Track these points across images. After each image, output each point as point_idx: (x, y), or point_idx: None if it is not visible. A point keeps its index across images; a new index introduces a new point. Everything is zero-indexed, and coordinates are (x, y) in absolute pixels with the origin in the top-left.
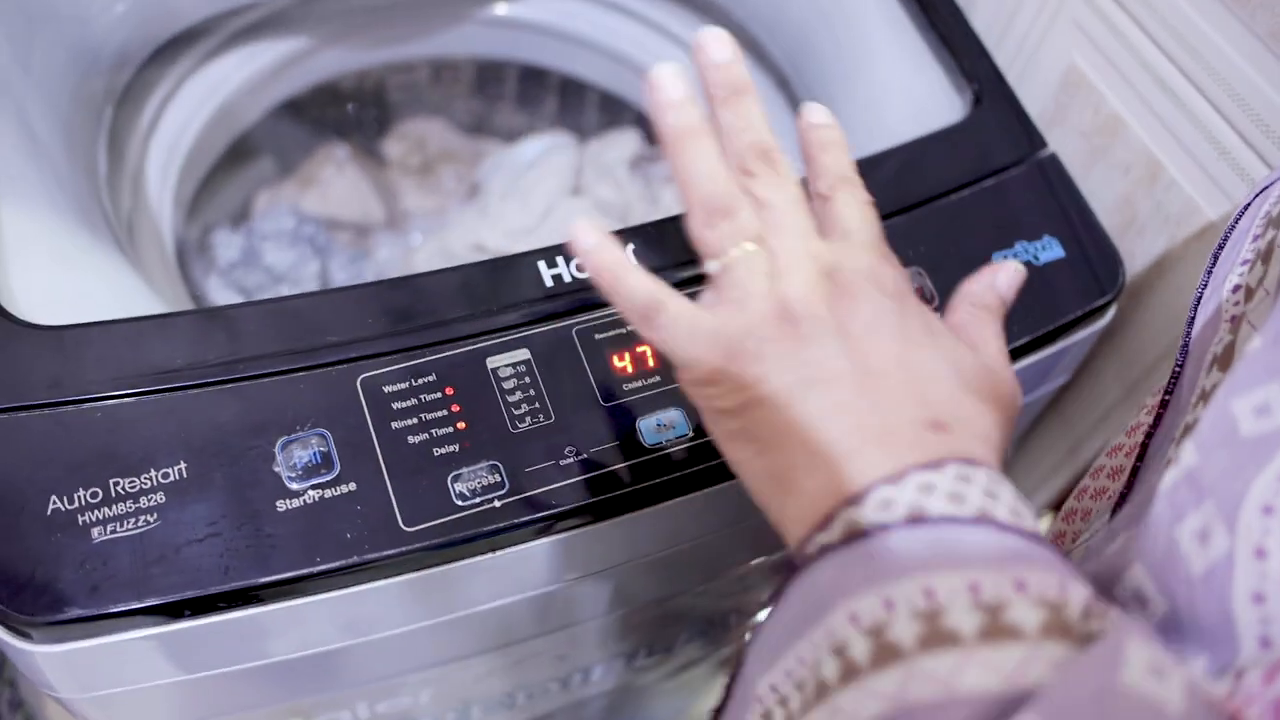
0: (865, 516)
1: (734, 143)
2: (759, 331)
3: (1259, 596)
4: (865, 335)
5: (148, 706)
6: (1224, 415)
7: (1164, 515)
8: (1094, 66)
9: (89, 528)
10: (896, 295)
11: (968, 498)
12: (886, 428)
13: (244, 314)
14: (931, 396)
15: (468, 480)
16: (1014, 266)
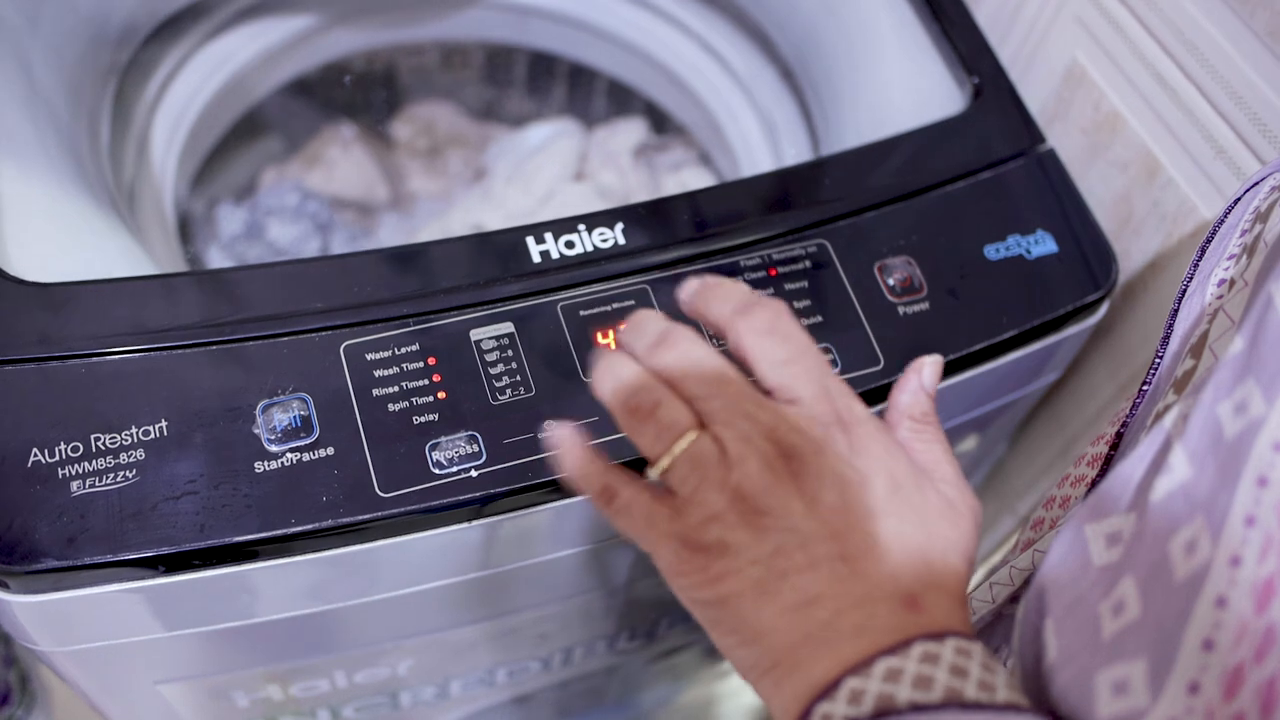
0: (837, 711)
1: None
2: (721, 521)
3: (1222, 600)
4: (833, 516)
5: (123, 664)
6: (1210, 420)
7: (1160, 527)
8: (1095, 63)
9: (68, 481)
10: (858, 451)
11: (935, 680)
12: (860, 619)
13: (231, 278)
14: (903, 570)
15: (446, 449)
16: (931, 360)
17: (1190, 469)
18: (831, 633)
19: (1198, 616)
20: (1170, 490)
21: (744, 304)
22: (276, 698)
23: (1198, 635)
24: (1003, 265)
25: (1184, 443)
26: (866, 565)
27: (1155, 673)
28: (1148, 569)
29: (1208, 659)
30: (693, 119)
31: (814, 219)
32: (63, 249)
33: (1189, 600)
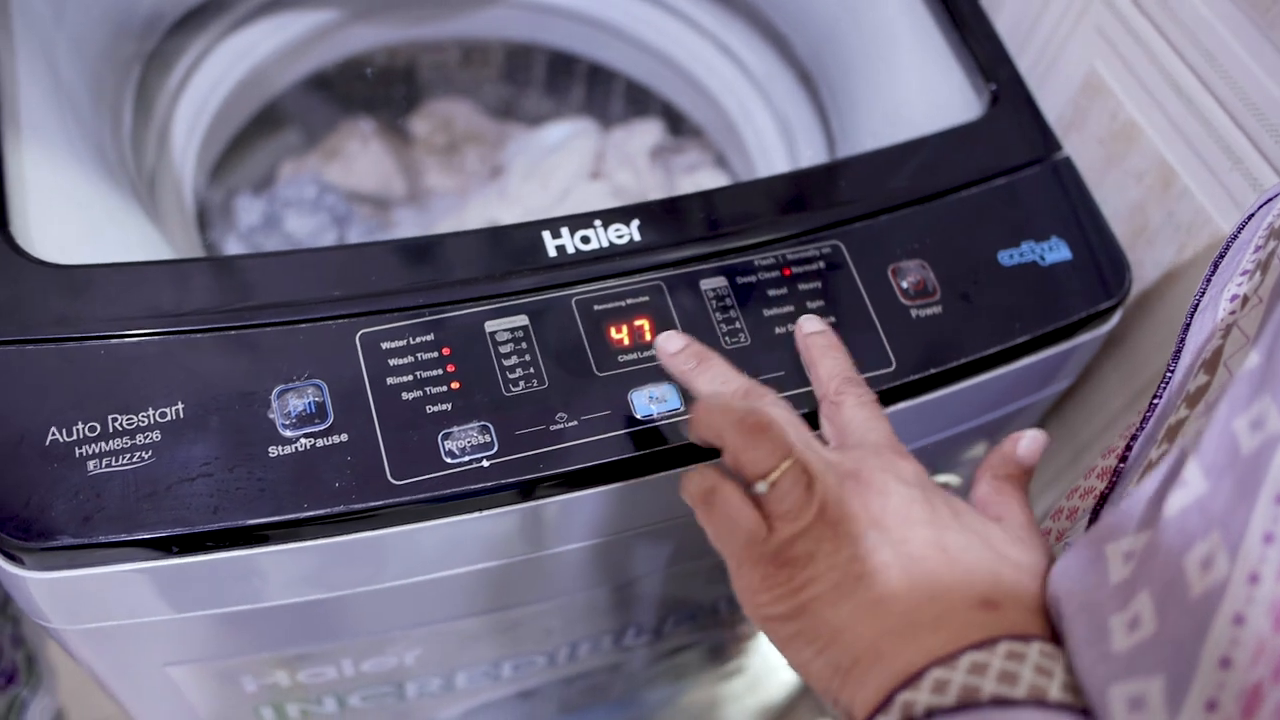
0: (921, 699)
1: (725, 387)
2: (809, 535)
3: (1239, 618)
4: (899, 525)
5: (133, 644)
6: (1226, 435)
7: (1174, 543)
8: (1113, 73)
9: (85, 460)
10: (918, 484)
11: (1020, 677)
12: (938, 612)
13: (250, 265)
14: (975, 576)
15: (458, 439)
16: (1033, 435)
17: (1206, 484)
18: (910, 625)
19: (1215, 634)
20: (1185, 505)
21: (855, 375)
22: (284, 684)
23: (1215, 653)
24: (1016, 271)
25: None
26: (935, 565)
27: (1172, 690)
28: (1163, 585)
29: (1225, 677)
30: (709, 121)
31: (829, 220)
32: (84, 232)
33: (1206, 617)
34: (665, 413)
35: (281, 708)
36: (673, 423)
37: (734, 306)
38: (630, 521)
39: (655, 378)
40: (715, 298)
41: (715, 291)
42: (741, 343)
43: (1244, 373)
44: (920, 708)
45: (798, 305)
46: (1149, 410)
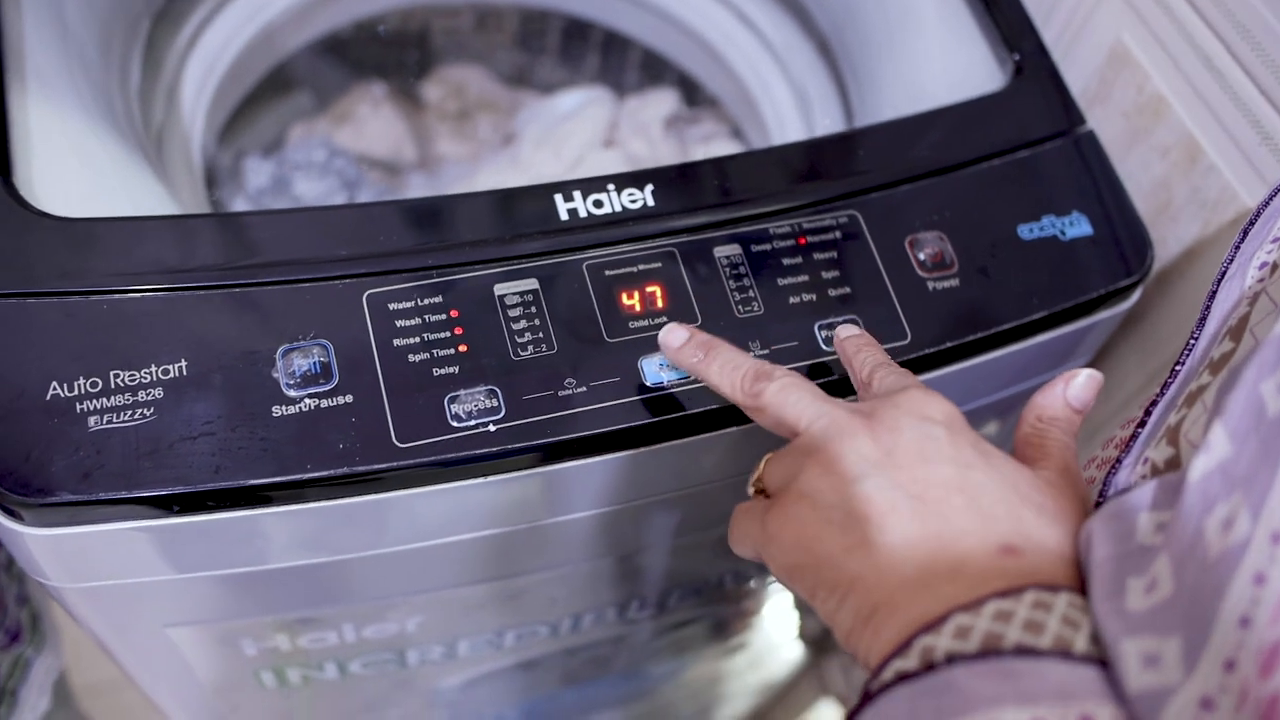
0: (941, 644)
1: (736, 373)
2: (802, 476)
3: (1260, 577)
4: (912, 463)
5: (133, 604)
6: (1253, 399)
7: (1195, 506)
8: (1141, 44)
9: (86, 416)
10: (944, 421)
11: (1046, 626)
12: (954, 559)
13: (257, 222)
14: (996, 519)
15: (465, 402)
16: (1086, 374)
17: (1230, 446)
18: (926, 574)
19: (1234, 593)
20: (1208, 469)
21: (888, 360)
22: (284, 648)
23: (1234, 612)
24: (1036, 245)
25: (1224, 421)
26: (952, 507)
27: (1189, 648)
28: (1182, 547)
29: (1244, 636)
30: (725, 91)
31: (846, 190)
32: (89, 186)
33: (1225, 576)
34: (675, 380)
35: (282, 672)
36: (683, 391)
37: (748, 275)
38: (638, 491)
39: None
40: (729, 265)
41: (729, 259)
42: (755, 311)
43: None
44: (940, 652)
45: (813, 275)
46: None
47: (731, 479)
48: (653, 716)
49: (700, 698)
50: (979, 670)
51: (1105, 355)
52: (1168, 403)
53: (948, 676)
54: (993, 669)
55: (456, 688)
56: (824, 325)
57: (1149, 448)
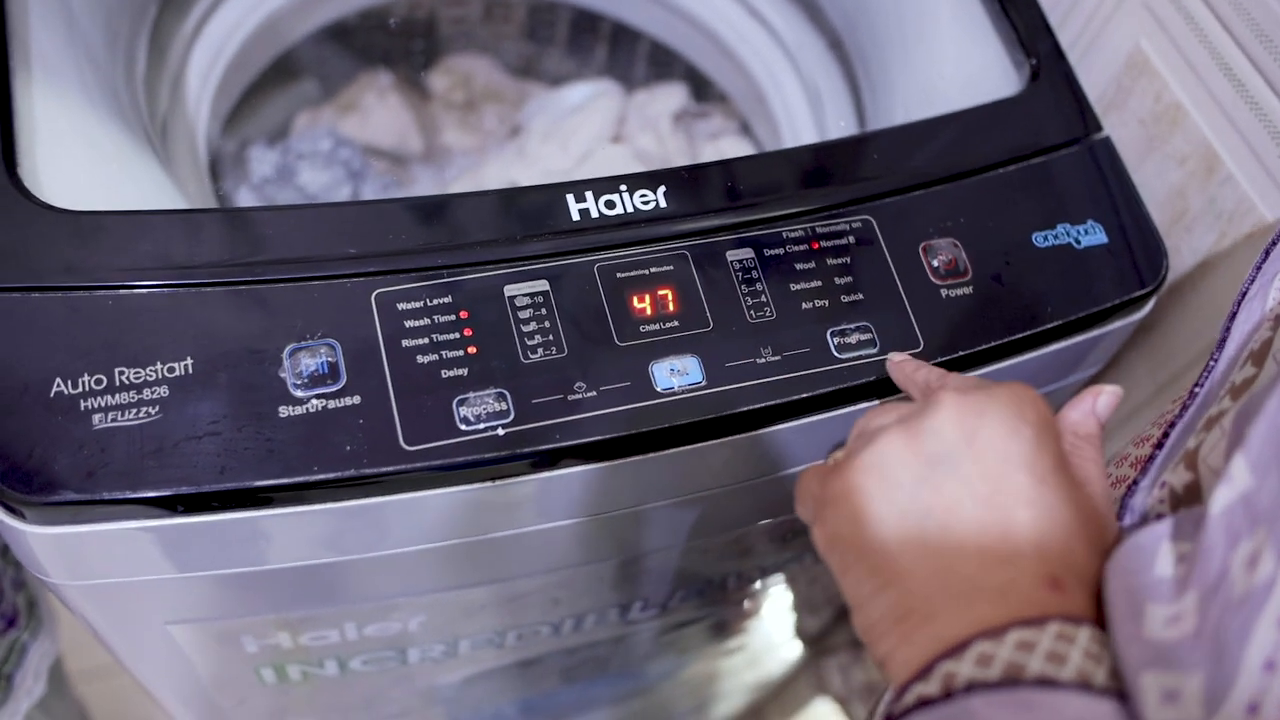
0: (963, 671)
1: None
2: (881, 438)
3: None
4: (990, 458)
5: (134, 602)
6: (1274, 429)
7: (1218, 541)
8: (1160, 51)
9: (90, 414)
10: (1036, 424)
11: (1069, 658)
12: (1004, 582)
13: (265, 218)
14: (1053, 546)
15: (473, 405)
16: (1110, 390)
17: (1252, 479)
18: (973, 589)
19: (1259, 636)
20: (1230, 501)
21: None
22: (285, 645)
23: (1259, 655)
24: (1050, 253)
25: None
26: (1015, 523)
27: (1212, 689)
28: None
29: (1269, 680)
30: (735, 86)
31: (860, 194)
32: (95, 178)
33: (1250, 619)
34: (686, 386)
35: (282, 669)
36: (693, 396)
37: (760, 279)
38: (646, 496)
39: (677, 349)
40: (741, 269)
41: (741, 263)
42: (767, 316)
43: None
44: (961, 680)
45: (825, 280)
46: (1189, 398)
47: (740, 484)
48: (650, 714)
49: (697, 695)
50: (998, 700)
51: (1115, 364)
52: (1186, 425)
53: (966, 705)
54: (1011, 699)
55: (456, 684)
56: (836, 331)
57: (1166, 471)
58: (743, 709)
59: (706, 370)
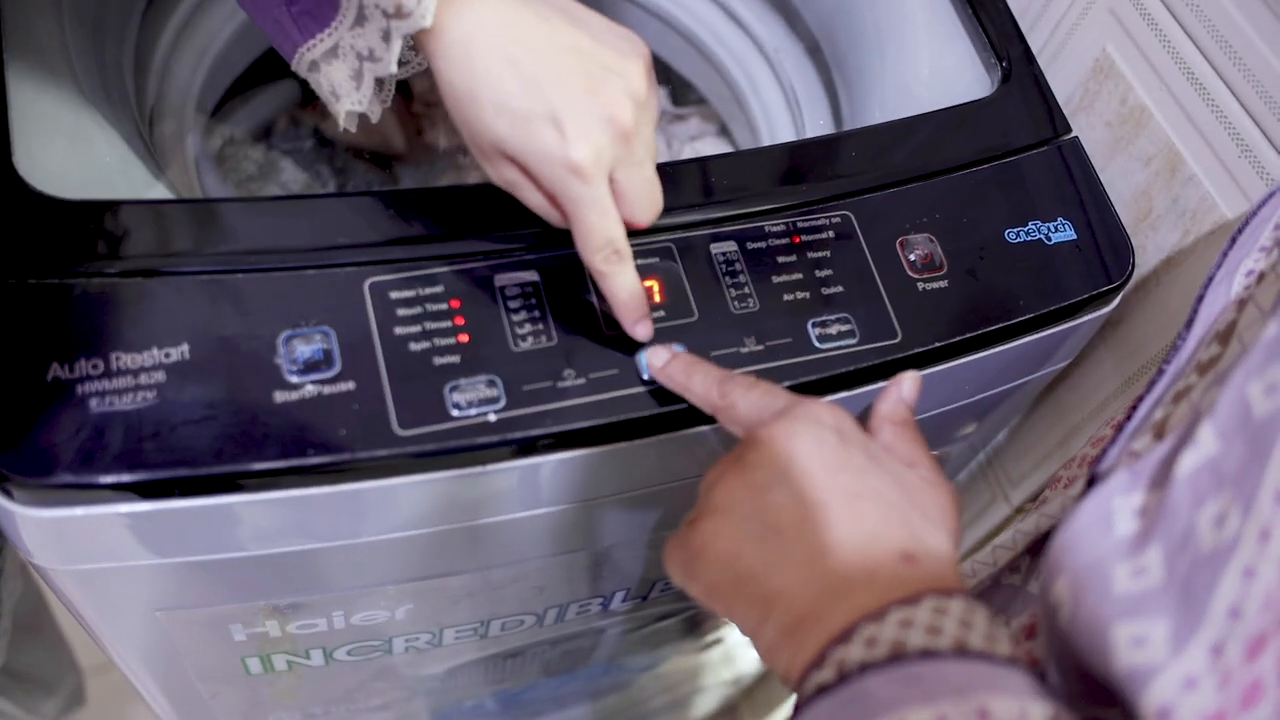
0: (853, 654)
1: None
2: (720, 486)
3: (1249, 571)
4: (816, 470)
5: (124, 587)
6: (1240, 399)
7: (1184, 500)
8: (1125, 56)
9: (87, 398)
10: (834, 427)
11: (944, 629)
12: (868, 568)
13: (259, 208)
14: (895, 524)
15: (465, 391)
16: (911, 375)
17: (1218, 444)
18: (844, 583)
19: (1225, 586)
20: (1197, 465)
21: (726, 374)
22: (274, 634)
23: (1225, 603)
24: (1022, 249)
25: (1213, 420)
26: (856, 517)
27: (1177, 633)
28: (1174, 539)
29: (1233, 626)
30: (714, 90)
31: (840, 190)
32: (89, 167)
33: (1217, 571)
34: None
35: (268, 659)
36: None
37: (743, 272)
38: (633, 481)
39: (664, 339)
40: (725, 262)
41: (725, 256)
42: (750, 308)
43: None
44: (853, 662)
45: (806, 273)
46: (1157, 375)
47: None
48: (627, 708)
49: (674, 691)
50: (888, 676)
51: (1083, 359)
52: (1154, 400)
53: (860, 685)
54: (899, 674)
55: (438, 676)
56: (817, 322)
57: (1134, 440)
58: (718, 705)
59: None
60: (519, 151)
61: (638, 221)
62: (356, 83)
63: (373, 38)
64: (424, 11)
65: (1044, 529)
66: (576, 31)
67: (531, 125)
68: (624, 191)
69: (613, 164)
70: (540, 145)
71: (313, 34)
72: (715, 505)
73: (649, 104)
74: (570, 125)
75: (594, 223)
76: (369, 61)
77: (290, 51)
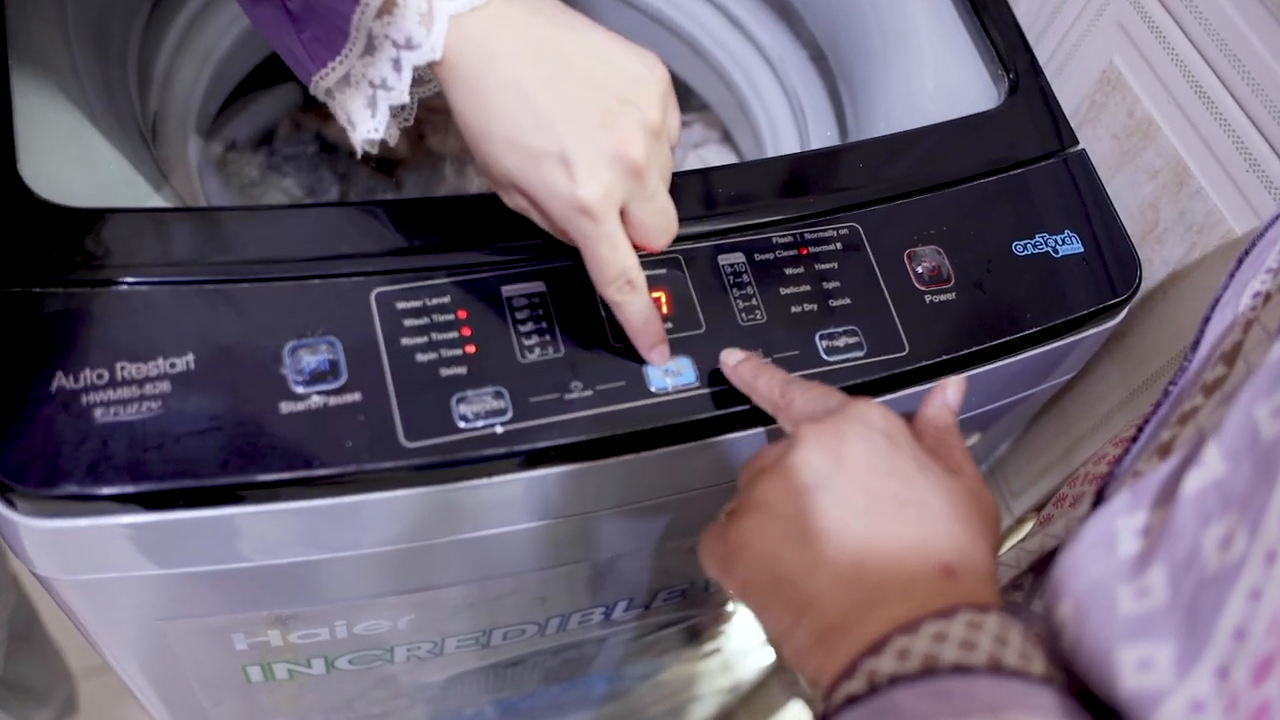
0: (884, 667)
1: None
2: (759, 484)
3: (1256, 593)
4: (861, 474)
5: (126, 597)
6: (1247, 421)
7: (1190, 520)
8: (1132, 68)
9: (92, 408)
10: (885, 431)
11: (979, 645)
12: (904, 579)
13: (264, 217)
14: (938, 536)
15: (472, 403)
16: (956, 380)
17: (1225, 466)
18: (879, 593)
19: (1231, 608)
20: (1203, 486)
21: (791, 379)
22: (275, 643)
23: (1230, 625)
24: (1029, 262)
25: (1219, 441)
26: (899, 526)
27: (1183, 657)
28: (1178, 559)
29: (1239, 648)
30: (717, 97)
31: (847, 202)
32: (94, 175)
33: (1223, 593)
34: (680, 386)
35: (269, 668)
36: (688, 396)
37: (751, 283)
38: (639, 494)
39: (671, 351)
40: (733, 274)
41: (733, 267)
42: (757, 320)
43: (1268, 363)
44: (884, 674)
45: (814, 285)
46: (1163, 396)
47: (731, 483)
48: (626, 716)
49: (673, 699)
50: (918, 690)
51: (1088, 371)
52: (1160, 420)
53: (890, 698)
54: (931, 688)
55: (437, 684)
56: (824, 335)
57: (1139, 461)
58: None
59: (699, 371)
60: (529, 188)
61: (652, 248)
62: (371, 110)
63: (384, 67)
64: (434, 44)
65: (1048, 548)
66: (592, 59)
67: (541, 164)
68: (637, 223)
69: (624, 199)
70: (549, 184)
71: (324, 62)
72: (757, 502)
73: (666, 130)
74: (579, 166)
75: (605, 256)
76: (382, 90)
77: (306, 78)
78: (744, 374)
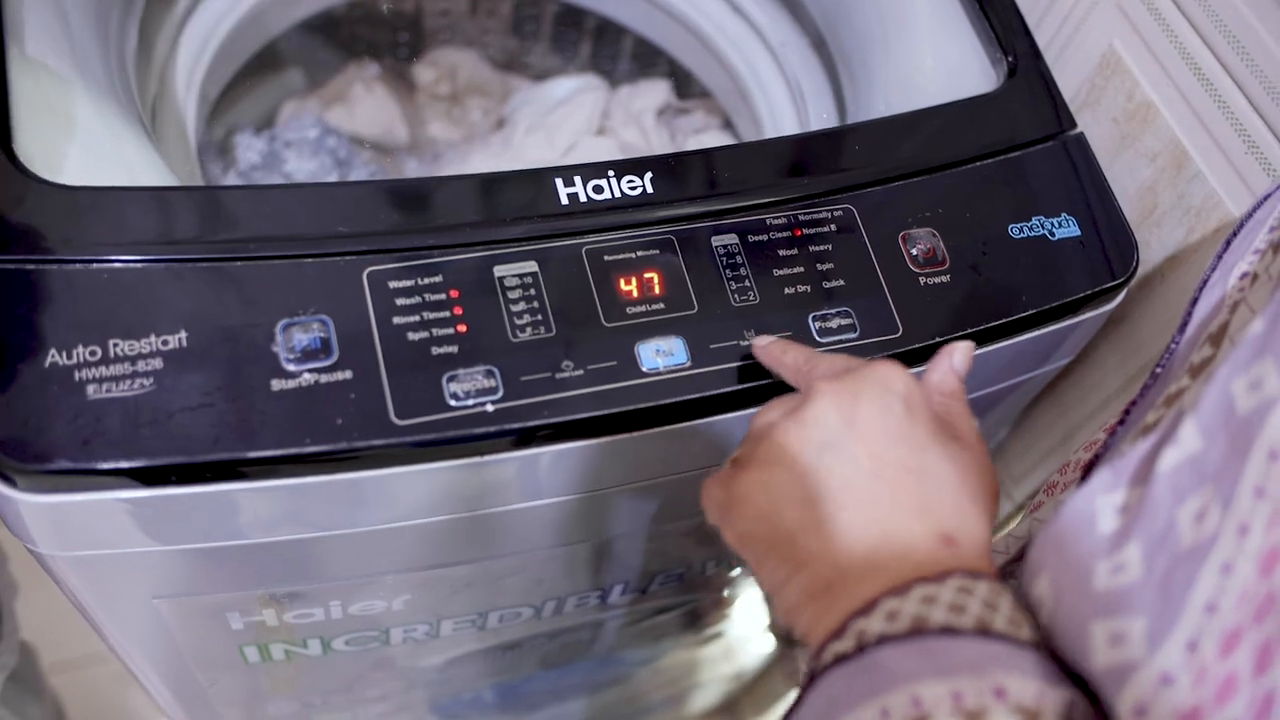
0: (872, 627)
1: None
2: (774, 434)
3: (1228, 567)
4: (871, 438)
5: (122, 574)
6: (1224, 396)
7: (1165, 497)
8: (1132, 52)
9: (85, 384)
10: (904, 395)
11: (968, 608)
12: (903, 545)
13: (259, 196)
14: (942, 505)
15: (463, 381)
16: (963, 345)
17: (1200, 441)
18: (876, 556)
19: (1202, 582)
20: (1179, 462)
21: (816, 353)
22: (270, 623)
23: (1201, 599)
24: (1025, 245)
25: (1196, 418)
26: (904, 492)
27: (1155, 631)
28: (1153, 535)
29: (1208, 621)
30: (718, 83)
31: (842, 184)
32: (89, 154)
33: (1196, 567)
34: (671, 366)
35: (266, 648)
36: (678, 377)
37: (744, 264)
38: (630, 474)
39: (662, 330)
40: (726, 255)
41: (726, 248)
42: (750, 301)
43: (1246, 339)
44: (873, 634)
45: (807, 266)
46: (1150, 378)
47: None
48: (626, 702)
49: (673, 686)
50: (905, 649)
51: (1086, 356)
52: (1146, 403)
53: (877, 656)
54: (917, 647)
55: (436, 667)
56: (817, 316)
57: (1124, 442)
58: (718, 700)
59: (691, 351)
60: None
61: None
62: None
63: None
64: None
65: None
66: None
67: None
68: None
69: None
70: None
71: None
72: (765, 456)
73: None
74: None
75: None
76: None
77: None
78: (774, 350)
